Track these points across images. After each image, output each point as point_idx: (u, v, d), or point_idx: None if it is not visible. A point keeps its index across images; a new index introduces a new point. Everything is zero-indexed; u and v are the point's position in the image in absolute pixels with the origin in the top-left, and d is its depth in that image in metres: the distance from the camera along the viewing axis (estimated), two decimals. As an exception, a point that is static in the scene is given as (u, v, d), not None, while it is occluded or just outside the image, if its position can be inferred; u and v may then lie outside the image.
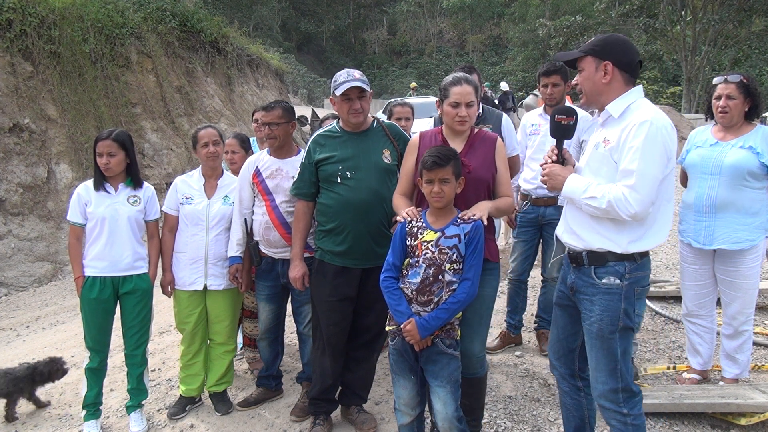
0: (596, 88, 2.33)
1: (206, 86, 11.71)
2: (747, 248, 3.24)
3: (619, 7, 21.53)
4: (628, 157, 2.17)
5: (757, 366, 3.78)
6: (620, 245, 2.24)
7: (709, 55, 20.12)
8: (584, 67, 2.35)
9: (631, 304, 2.27)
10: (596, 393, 2.36)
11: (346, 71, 2.99)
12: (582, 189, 2.27)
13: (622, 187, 2.16)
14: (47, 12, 8.76)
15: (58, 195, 8.09)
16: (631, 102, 2.28)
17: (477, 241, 2.46)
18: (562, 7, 34.09)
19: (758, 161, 3.16)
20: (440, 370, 2.49)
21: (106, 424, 3.46)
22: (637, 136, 2.16)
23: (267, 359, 3.52)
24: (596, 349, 2.31)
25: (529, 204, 4.04)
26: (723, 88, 3.26)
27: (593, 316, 2.30)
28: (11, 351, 5.32)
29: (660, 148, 2.16)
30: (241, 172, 3.42)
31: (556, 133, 2.50)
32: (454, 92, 2.64)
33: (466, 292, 2.43)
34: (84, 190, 3.28)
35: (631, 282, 2.26)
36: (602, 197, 2.19)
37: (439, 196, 2.44)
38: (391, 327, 2.57)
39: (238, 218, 3.39)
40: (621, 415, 2.29)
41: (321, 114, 13.40)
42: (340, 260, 2.98)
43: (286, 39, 47.45)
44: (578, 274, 2.38)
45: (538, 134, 4.04)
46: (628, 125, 2.20)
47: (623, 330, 2.27)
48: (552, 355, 2.64)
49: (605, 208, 2.18)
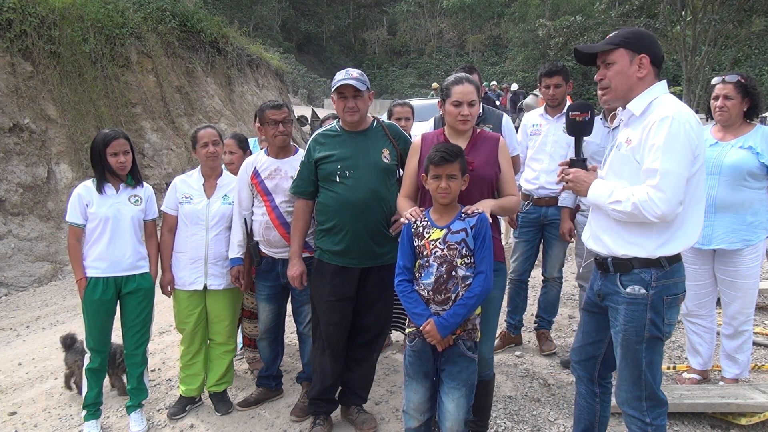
0: (630, 82, 2.21)
1: (206, 86, 11.71)
2: (746, 248, 3.24)
3: (619, 7, 21.52)
4: (650, 155, 2.08)
5: (757, 366, 3.78)
6: (647, 249, 2.16)
7: (709, 55, 20.11)
8: (616, 60, 2.21)
9: (659, 314, 2.17)
10: (620, 399, 2.30)
11: (346, 70, 3.00)
12: (607, 194, 2.18)
13: (647, 188, 2.07)
14: (47, 12, 8.76)
15: (58, 195, 8.09)
16: (654, 98, 2.19)
17: (484, 233, 2.45)
18: (562, 7, 34.09)
19: (758, 161, 3.16)
20: (458, 373, 2.47)
21: (106, 424, 3.46)
22: (658, 133, 2.07)
23: (267, 359, 3.52)
24: (621, 357, 2.25)
25: (531, 204, 4.04)
26: (721, 89, 3.26)
27: (618, 324, 2.24)
28: (11, 351, 5.32)
29: (683, 144, 2.06)
30: (239, 173, 3.41)
31: (573, 130, 2.45)
32: (455, 91, 2.65)
33: (482, 286, 2.41)
34: (84, 190, 3.27)
35: (659, 290, 2.16)
36: (626, 200, 2.10)
37: (446, 192, 2.44)
38: (411, 329, 2.54)
39: (238, 219, 3.38)
40: (643, 424, 2.23)
41: (321, 114, 13.40)
42: (339, 260, 2.98)
43: (286, 39, 47.42)
44: (604, 281, 2.31)
45: (539, 134, 4.04)
46: (649, 123, 2.12)
47: (650, 340, 2.18)
48: (574, 356, 2.58)
49: (631, 212, 2.10)
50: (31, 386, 4.28)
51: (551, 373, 3.82)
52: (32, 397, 4.03)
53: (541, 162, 3.99)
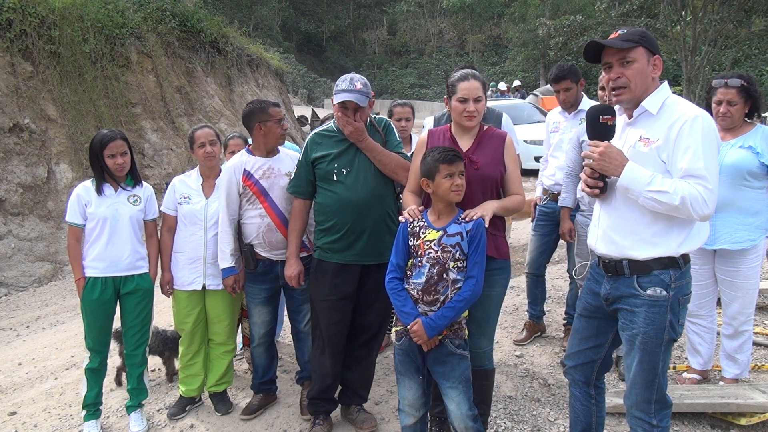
0: (647, 82, 2.19)
1: (206, 86, 11.71)
2: (747, 248, 3.24)
3: (619, 7, 21.49)
4: (688, 156, 2.04)
5: (757, 366, 3.78)
6: (670, 248, 2.12)
7: (709, 55, 20.09)
8: (636, 58, 2.16)
9: (676, 315, 2.16)
10: (629, 402, 2.27)
11: (350, 79, 2.95)
12: (646, 180, 2.07)
13: (697, 186, 2.02)
14: (47, 12, 8.75)
15: (58, 195, 8.09)
16: (665, 97, 2.18)
17: (479, 239, 2.45)
18: (562, 7, 34.04)
19: (758, 161, 3.16)
20: (451, 371, 2.49)
21: (106, 424, 3.46)
22: (693, 134, 2.05)
23: (264, 364, 3.45)
24: (638, 360, 2.19)
25: (549, 199, 4.10)
26: (723, 93, 3.19)
27: (635, 328, 2.17)
28: (11, 351, 5.32)
29: (715, 143, 2.09)
30: (224, 178, 3.26)
31: (600, 134, 2.22)
32: (461, 88, 2.65)
33: (471, 290, 2.42)
34: (83, 190, 3.27)
35: (676, 291, 2.14)
36: (674, 193, 2.01)
37: (460, 189, 2.46)
38: (398, 327, 2.56)
39: (228, 227, 3.25)
40: (650, 426, 2.21)
41: (321, 114, 13.42)
42: (339, 257, 2.98)
43: (286, 39, 47.41)
44: (615, 284, 2.24)
45: (557, 132, 4.14)
46: (677, 121, 2.08)
47: (668, 343, 2.17)
48: (569, 361, 2.54)
49: (677, 205, 2.01)
50: (31, 386, 4.28)
51: (551, 373, 3.81)
52: (32, 397, 4.03)
53: (558, 159, 4.07)
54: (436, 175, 2.46)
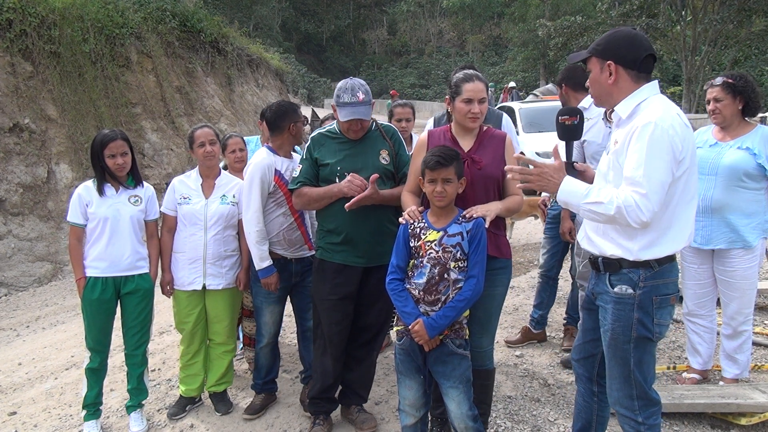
0: (603, 89, 2.22)
1: (206, 86, 11.71)
2: (744, 249, 3.24)
3: (619, 7, 21.51)
4: (632, 162, 2.04)
5: (757, 366, 3.78)
6: (632, 252, 2.14)
7: (709, 55, 20.11)
8: (591, 68, 2.25)
9: (647, 314, 2.16)
10: (611, 399, 2.31)
11: (351, 89, 2.92)
12: (582, 193, 2.11)
13: (633, 194, 2.01)
14: (47, 12, 8.76)
15: (58, 195, 8.09)
16: (641, 101, 2.15)
17: (479, 238, 2.46)
18: (562, 7, 34.05)
19: (755, 162, 3.15)
20: (452, 371, 2.49)
21: (106, 424, 3.46)
22: (640, 140, 2.03)
23: (268, 365, 3.46)
24: (610, 356, 2.25)
25: (555, 200, 4.10)
26: (710, 92, 3.28)
27: (605, 324, 2.25)
28: (11, 351, 5.33)
29: (666, 150, 2.02)
30: (255, 179, 3.17)
31: (563, 134, 2.45)
32: (466, 89, 2.65)
33: (472, 290, 2.43)
34: (84, 190, 3.28)
35: (647, 291, 2.15)
36: (609, 202, 2.03)
37: (441, 196, 2.45)
38: (399, 327, 2.57)
39: (256, 226, 3.16)
40: (635, 423, 2.23)
41: (321, 114, 13.40)
42: (341, 257, 2.98)
43: (286, 39, 47.41)
44: (597, 280, 2.33)
45: None
46: (632, 127, 2.09)
47: (638, 340, 2.18)
48: (574, 354, 2.59)
49: (612, 215, 2.03)
50: (31, 386, 4.28)
51: (551, 373, 3.82)
52: (32, 397, 4.03)
53: None
54: (425, 177, 2.49)
